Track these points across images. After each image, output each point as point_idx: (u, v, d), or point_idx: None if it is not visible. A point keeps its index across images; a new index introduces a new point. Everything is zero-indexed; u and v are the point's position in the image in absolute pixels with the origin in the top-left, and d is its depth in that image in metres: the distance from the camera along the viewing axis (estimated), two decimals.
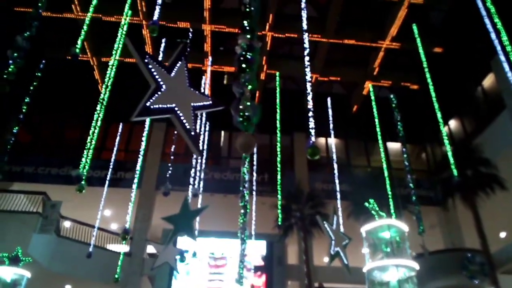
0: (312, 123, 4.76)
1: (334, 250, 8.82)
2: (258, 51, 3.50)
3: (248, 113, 3.11)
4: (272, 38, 17.15)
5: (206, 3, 15.78)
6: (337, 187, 11.07)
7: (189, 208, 7.24)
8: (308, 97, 4.97)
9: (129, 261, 15.45)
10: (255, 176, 13.59)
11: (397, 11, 15.85)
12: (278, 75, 13.34)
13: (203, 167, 12.28)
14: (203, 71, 16.53)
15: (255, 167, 13.21)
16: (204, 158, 12.55)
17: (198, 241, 11.81)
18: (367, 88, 18.57)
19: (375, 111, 11.96)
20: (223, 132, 21.04)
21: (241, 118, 3.10)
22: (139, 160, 9.67)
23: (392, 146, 18.60)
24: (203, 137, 12.51)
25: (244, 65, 3.40)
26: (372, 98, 12.43)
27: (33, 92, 11.92)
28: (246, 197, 8.88)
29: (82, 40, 7.56)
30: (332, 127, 12.15)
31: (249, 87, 3.27)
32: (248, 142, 2.97)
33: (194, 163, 11.18)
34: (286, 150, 18.23)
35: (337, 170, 11.63)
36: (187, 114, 4.42)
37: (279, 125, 12.77)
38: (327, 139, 18.59)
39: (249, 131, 3.05)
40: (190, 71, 4.46)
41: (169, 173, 10.24)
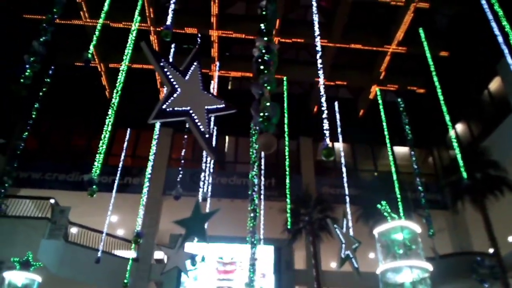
0: (326, 125, 4.81)
1: (344, 253, 8.81)
2: (275, 53, 3.54)
3: (268, 113, 3.16)
4: (278, 43, 17.24)
5: (213, 9, 15.90)
6: (346, 190, 11.06)
7: (201, 211, 7.24)
8: (322, 98, 5.00)
9: (137, 266, 15.43)
10: (263, 180, 13.59)
11: (403, 16, 15.90)
12: (285, 79, 13.36)
13: (211, 172, 12.30)
14: (210, 76, 16.62)
15: (262, 171, 13.21)
16: (212, 163, 12.57)
17: (206, 246, 11.84)
18: (373, 92, 18.59)
19: (383, 115, 11.95)
20: (227, 138, 21.09)
21: (261, 119, 3.15)
22: (148, 165, 9.70)
23: (399, 150, 18.55)
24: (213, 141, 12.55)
25: (262, 67, 3.45)
26: (379, 102, 12.42)
27: (42, 98, 12.04)
28: (256, 200, 8.91)
29: (94, 46, 7.63)
30: (339, 132, 12.18)
31: (268, 88, 3.32)
32: (269, 141, 3.02)
33: (203, 167, 11.20)
34: (292, 154, 18.15)
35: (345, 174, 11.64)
36: (201, 116, 4.47)
37: (287, 129, 12.79)
38: (333, 143, 18.55)
39: (269, 131, 3.09)
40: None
41: (177, 178, 10.27)
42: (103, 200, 11.99)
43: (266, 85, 3.34)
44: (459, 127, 19.21)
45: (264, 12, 3.82)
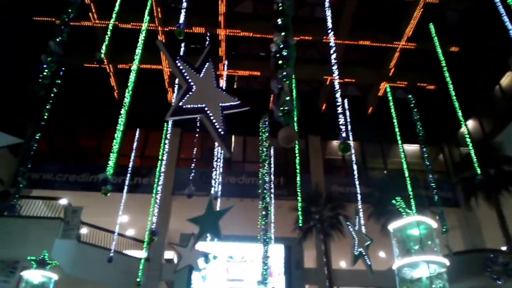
0: (341, 120, 4.80)
1: (357, 250, 8.76)
2: (293, 48, 3.54)
3: (288, 107, 3.17)
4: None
5: (221, 8, 15.90)
6: (358, 188, 11.01)
7: (214, 209, 7.25)
8: (337, 94, 5.00)
9: (148, 266, 15.48)
10: (272, 179, 13.57)
11: (413, 11, 15.79)
12: (294, 77, 13.31)
13: (220, 171, 12.31)
14: (218, 75, 16.62)
15: (272, 170, 13.19)
16: (221, 162, 12.58)
17: (216, 245, 11.83)
18: (382, 89, 18.48)
19: (393, 112, 11.84)
20: (233, 137, 21.06)
21: (282, 113, 3.16)
22: (159, 165, 9.73)
23: (408, 147, 18.41)
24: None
25: (280, 62, 3.45)
26: (389, 99, 12.31)
27: (52, 99, 12.13)
28: (267, 198, 8.91)
29: (106, 46, 7.66)
30: (348, 129, 12.09)
31: (287, 82, 3.33)
32: (290, 134, 3.02)
33: (213, 167, 11.22)
34: (301, 153, 18.17)
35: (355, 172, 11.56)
36: (216, 113, 4.48)
37: (296, 128, 12.74)
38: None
39: (290, 124, 3.10)
40: None
41: (185, 178, 10.30)
42: (113, 201, 12.03)
43: (285, 79, 3.34)
44: (470, 123, 19.00)
45: (280, 7, 3.81)
